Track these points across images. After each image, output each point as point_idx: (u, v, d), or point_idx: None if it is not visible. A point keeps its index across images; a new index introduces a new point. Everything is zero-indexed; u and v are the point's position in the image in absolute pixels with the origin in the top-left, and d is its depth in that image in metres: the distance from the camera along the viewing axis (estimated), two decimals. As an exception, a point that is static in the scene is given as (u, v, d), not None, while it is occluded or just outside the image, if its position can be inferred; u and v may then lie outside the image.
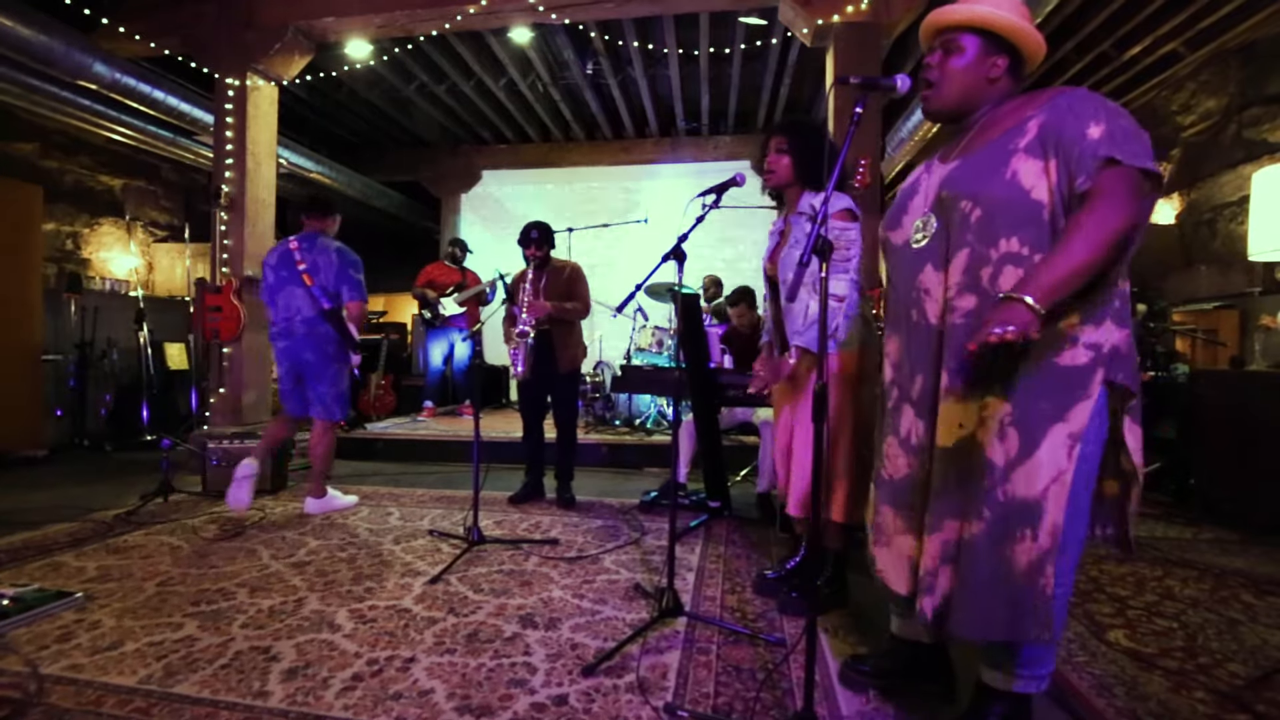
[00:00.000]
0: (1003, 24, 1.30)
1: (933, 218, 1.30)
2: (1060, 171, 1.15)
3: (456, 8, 3.92)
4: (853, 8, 3.53)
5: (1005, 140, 1.22)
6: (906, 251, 1.36)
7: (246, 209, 4.20)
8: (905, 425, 1.35)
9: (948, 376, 1.24)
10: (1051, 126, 1.17)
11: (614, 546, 2.68)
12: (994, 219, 1.20)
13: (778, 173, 2.05)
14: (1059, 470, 1.16)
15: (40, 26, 3.77)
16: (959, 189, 1.25)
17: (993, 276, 1.19)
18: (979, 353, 1.10)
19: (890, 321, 1.43)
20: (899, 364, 1.38)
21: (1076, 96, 1.19)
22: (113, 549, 2.62)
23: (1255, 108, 4.64)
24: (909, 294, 1.34)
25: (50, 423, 4.97)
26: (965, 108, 1.34)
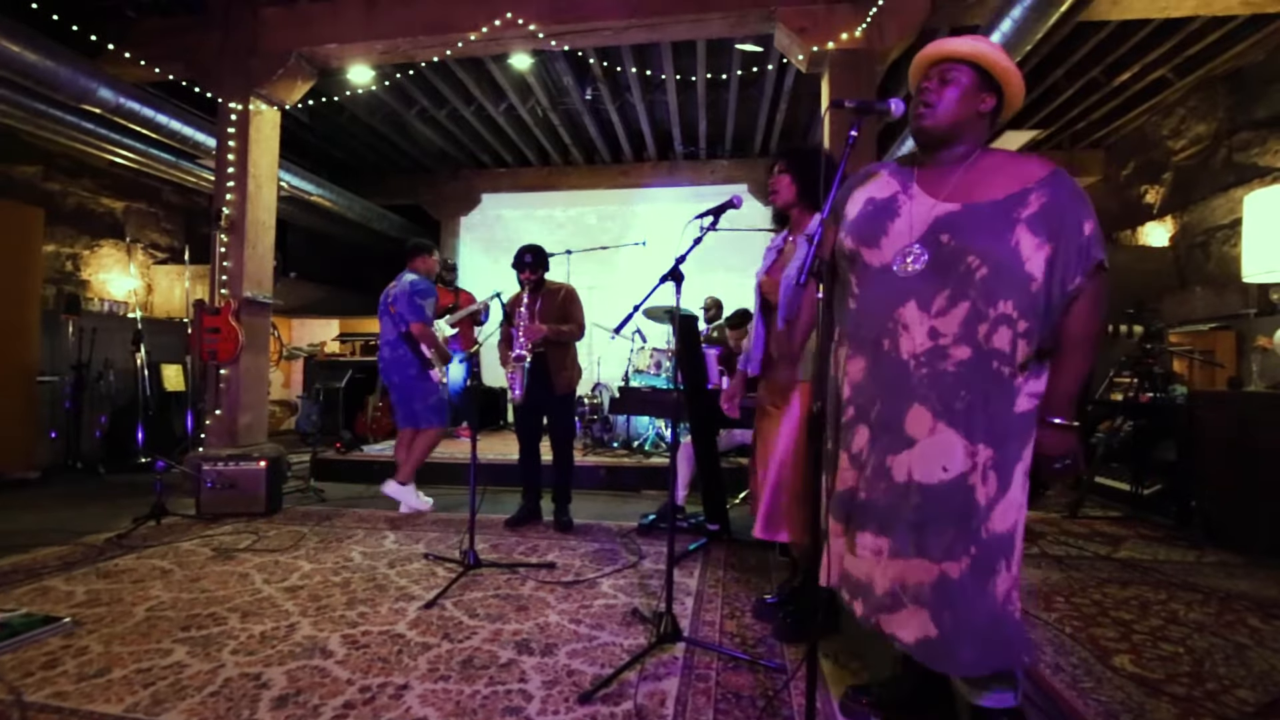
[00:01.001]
0: (1001, 64, 1.35)
1: (924, 252, 1.32)
2: (1058, 257, 1.26)
3: (458, 35, 4.00)
4: (847, 35, 3.60)
5: (1010, 206, 1.28)
6: (886, 277, 1.36)
7: (247, 231, 4.22)
8: (858, 444, 1.40)
9: (930, 416, 1.29)
10: (1055, 211, 1.26)
11: (611, 570, 2.65)
12: (997, 281, 1.26)
13: (780, 193, 2.08)
14: (1020, 504, 1.29)
15: (46, 52, 3.82)
16: (968, 242, 1.28)
17: (988, 334, 1.27)
18: (1058, 476, 1.34)
19: (853, 339, 1.43)
20: (860, 385, 1.41)
21: (1069, 187, 1.29)
22: (103, 573, 2.58)
23: (1244, 132, 4.72)
24: (883, 322, 1.36)
25: (44, 444, 4.94)
26: (953, 134, 1.38)
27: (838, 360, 1.47)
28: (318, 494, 4.06)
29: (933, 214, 1.34)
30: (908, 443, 1.31)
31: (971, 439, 1.27)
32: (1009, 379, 1.26)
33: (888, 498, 1.32)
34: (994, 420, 1.26)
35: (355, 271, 9.76)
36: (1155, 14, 3.72)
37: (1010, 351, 1.26)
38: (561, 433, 3.30)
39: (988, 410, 1.26)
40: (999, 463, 1.26)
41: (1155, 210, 5.68)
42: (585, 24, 3.89)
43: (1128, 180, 6.13)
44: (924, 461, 1.29)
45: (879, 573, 1.34)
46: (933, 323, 1.30)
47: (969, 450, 1.27)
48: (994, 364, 1.26)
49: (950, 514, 1.27)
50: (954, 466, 1.27)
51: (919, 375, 1.30)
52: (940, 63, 1.40)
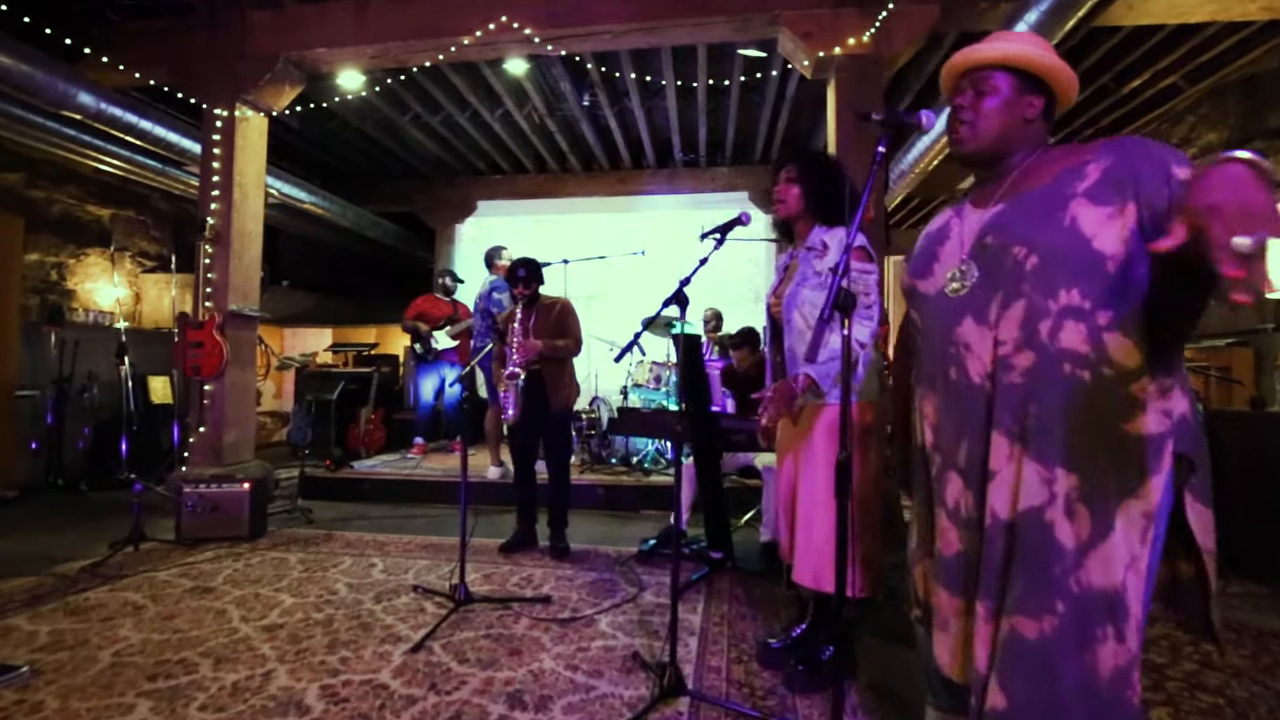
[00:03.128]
0: (1040, 62, 1.20)
1: (973, 265, 1.18)
2: (1145, 215, 1.01)
3: (451, 39, 3.87)
4: (854, 40, 3.48)
5: (1060, 185, 1.10)
6: (940, 301, 1.23)
7: (232, 242, 4.08)
8: (953, 496, 1.19)
9: (1006, 441, 1.10)
10: (1122, 170, 1.04)
11: (610, 605, 2.51)
12: (1052, 267, 1.07)
13: (787, 203, 1.94)
14: (1133, 555, 1.03)
15: (21, 56, 3.68)
16: (1010, 234, 1.12)
17: (1052, 331, 1.07)
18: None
19: (924, 379, 1.29)
20: (939, 427, 1.23)
21: (1137, 141, 1.09)
22: (71, 609, 2.43)
23: (1257, 141, 4.61)
24: (945, 349, 1.20)
25: (24, 461, 4.78)
26: (1001, 150, 1.23)
27: (915, 405, 1.32)
28: (305, 514, 3.91)
29: (980, 223, 1.20)
30: (990, 476, 1.12)
31: (1045, 463, 1.05)
32: (1098, 385, 1.04)
33: (992, 547, 1.11)
34: (1078, 439, 1.04)
35: (348, 279, 9.63)
36: (1172, 19, 3.61)
37: (1089, 352, 1.04)
38: (558, 453, 3.16)
39: (1067, 426, 1.04)
40: (1089, 494, 1.03)
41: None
42: (583, 28, 3.77)
43: (1135, 188, 6.03)
44: (1001, 493, 1.09)
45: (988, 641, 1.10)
46: (994, 333, 1.12)
47: (1043, 477, 1.05)
48: (1065, 367, 1.05)
49: (1023, 556, 1.06)
50: (1028, 499, 1.06)
51: (989, 398, 1.12)
52: (971, 72, 1.25)
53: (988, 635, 1.10)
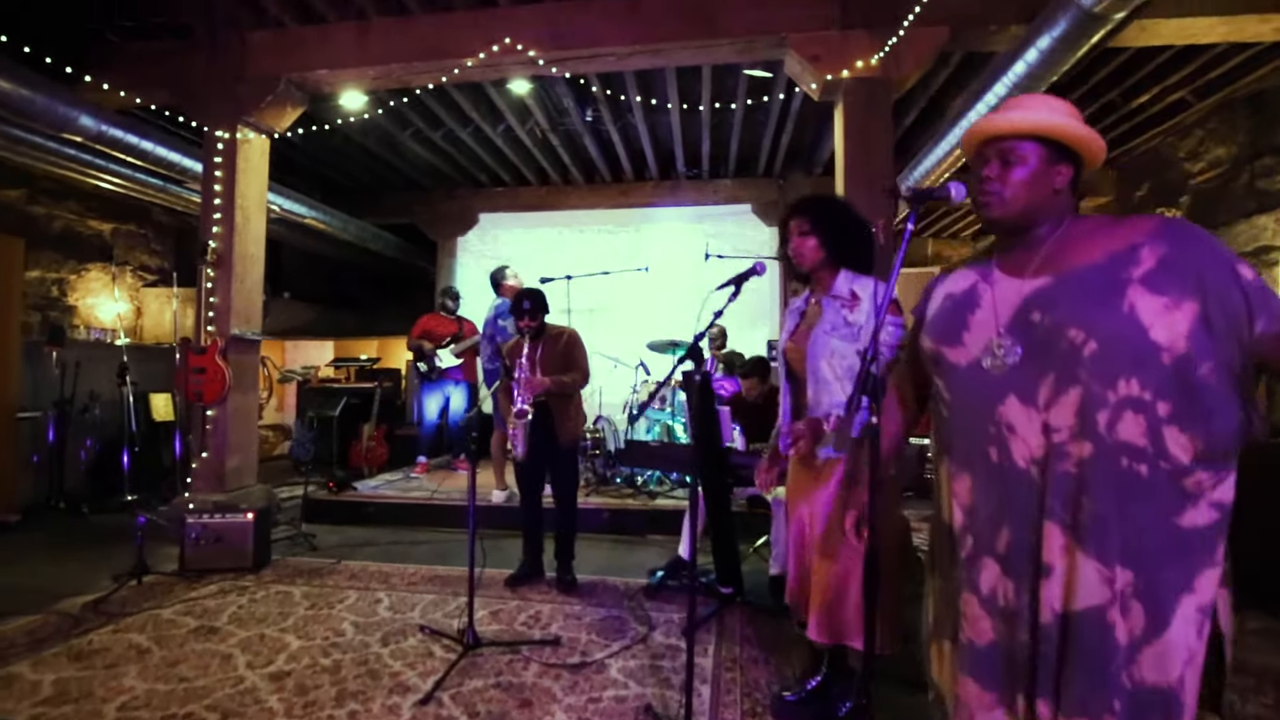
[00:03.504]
0: (1072, 133, 1.16)
1: (1013, 341, 1.13)
2: (1212, 313, 1.00)
3: (454, 61, 3.83)
4: (862, 63, 3.45)
5: (1114, 267, 1.06)
6: (976, 375, 1.18)
7: (234, 265, 4.05)
8: (988, 583, 1.15)
9: (1060, 533, 1.07)
10: (1181, 262, 1.02)
11: (620, 648, 2.48)
12: (1112, 355, 1.03)
13: (805, 255, 1.89)
14: (1191, 652, 1.01)
15: (21, 80, 3.64)
16: (1063, 314, 1.08)
17: (1110, 422, 1.03)
18: None
19: (956, 455, 1.23)
20: (973, 509, 1.19)
21: (1187, 229, 1.07)
22: (75, 654, 2.40)
23: (1267, 157, 4.58)
24: (984, 428, 1.16)
25: (25, 483, 4.74)
26: (1029, 220, 1.19)
27: (940, 479, 1.27)
28: (308, 541, 3.88)
29: (1020, 294, 1.15)
30: (1045, 571, 1.08)
31: (1105, 560, 1.03)
32: (1154, 480, 1.02)
33: (1050, 647, 1.08)
34: (1135, 534, 1.02)
35: (350, 290, 9.59)
36: (1182, 40, 3.58)
37: (1147, 445, 1.02)
38: (566, 488, 3.13)
39: (1124, 521, 1.02)
40: (1144, 590, 1.01)
41: None
42: (587, 50, 3.73)
43: (1142, 202, 5.99)
44: (1055, 589, 1.07)
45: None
46: (1044, 417, 1.08)
47: (1103, 575, 1.03)
48: (1123, 461, 1.03)
49: (1081, 655, 1.04)
50: (1088, 597, 1.04)
51: (1043, 484, 1.09)
52: (996, 140, 1.21)
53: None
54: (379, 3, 3.85)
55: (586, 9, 3.66)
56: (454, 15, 3.81)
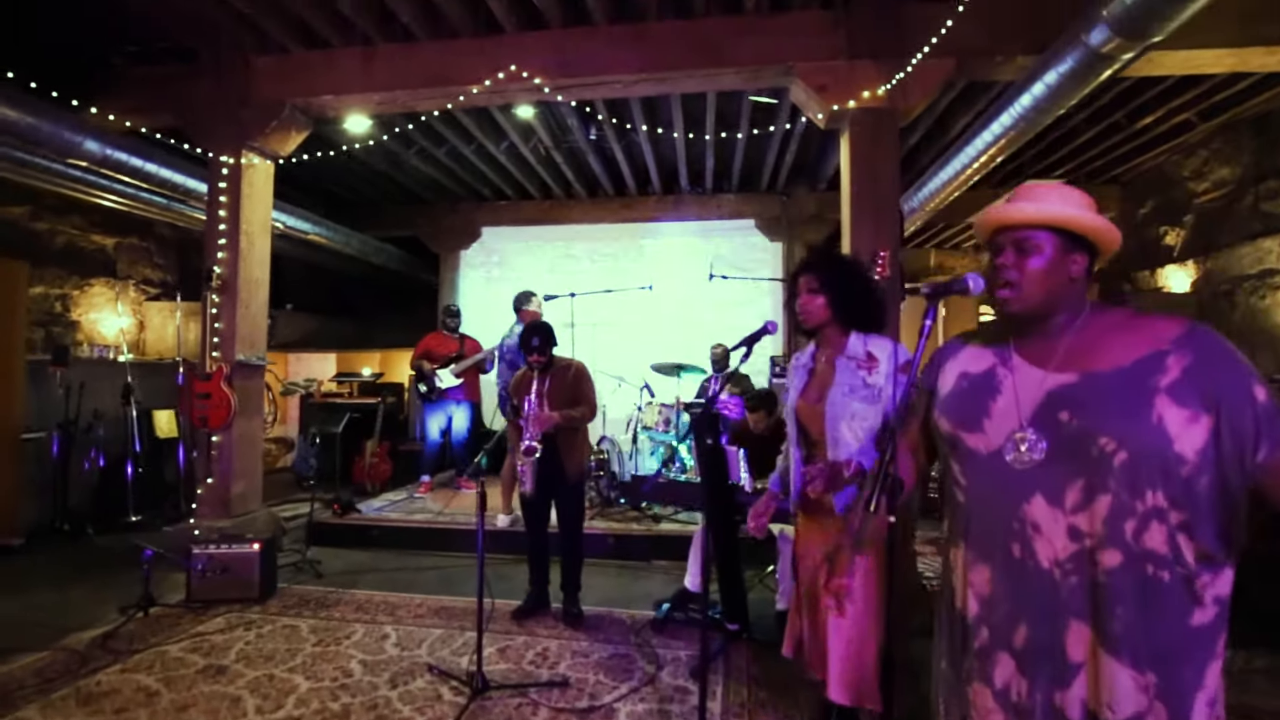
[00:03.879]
0: (1087, 224, 1.15)
1: (1038, 436, 1.12)
2: (1223, 432, 1.02)
3: (459, 88, 3.83)
4: (869, 93, 3.44)
5: (1142, 374, 1.07)
6: (999, 466, 1.17)
7: (239, 290, 4.05)
8: (1002, 678, 1.16)
9: (1088, 638, 1.08)
10: (1204, 375, 1.03)
11: (628, 690, 2.48)
12: (1140, 467, 1.04)
13: (813, 314, 1.88)
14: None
15: (26, 108, 3.64)
16: (1092, 420, 1.08)
17: (1137, 532, 1.05)
18: None
19: (973, 543, 1.23)
20: (991, 600, 1.19)
21: (1216, 340, 1.07)
22: (83, 697, 2.40)
23: (1271, 180, 4.58)
24: (1007, 523, 1.16)
25: (28, 506, 4.73)
26: (1047, 310, 1.18)
27: (952, 563, 1.27)
28: (313, 567, 3.88)
29: (1044, 388, 1.15)
30: (1075, 670, 1.09)
31: (1139, 668, 1.04)
32: (1170, 584, 1.04)
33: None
34: (1155, 638, 1.05)
35: (351, 301, 9.59)
36: (1189, 70, 3.58)
37: (1168, 552, 1.04)
38: (571, 522, 3.13)
39: (1147, 627, 1.05)
40: (1165, 691, 1.04)
41: (1176, 253, 5.54)
42: (593, 78, 3.73)
43: (1146, 219, 5.99)
44: (1081, 692, 1.08)
45: None
46: (1070, 520, 1.09)
47: (1139, 683, 1.04)
48: (1149, 569, 1.05)
49: None
50: (1124, 706, 1.04)
51: (1069, 585, 1.10)
52: (1008, 230, 1.20)
53: None
54: (384, 29, 3.85)
55: (593, 36, 3.65)
56: (459, 42, 3.81)
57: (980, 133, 3.85)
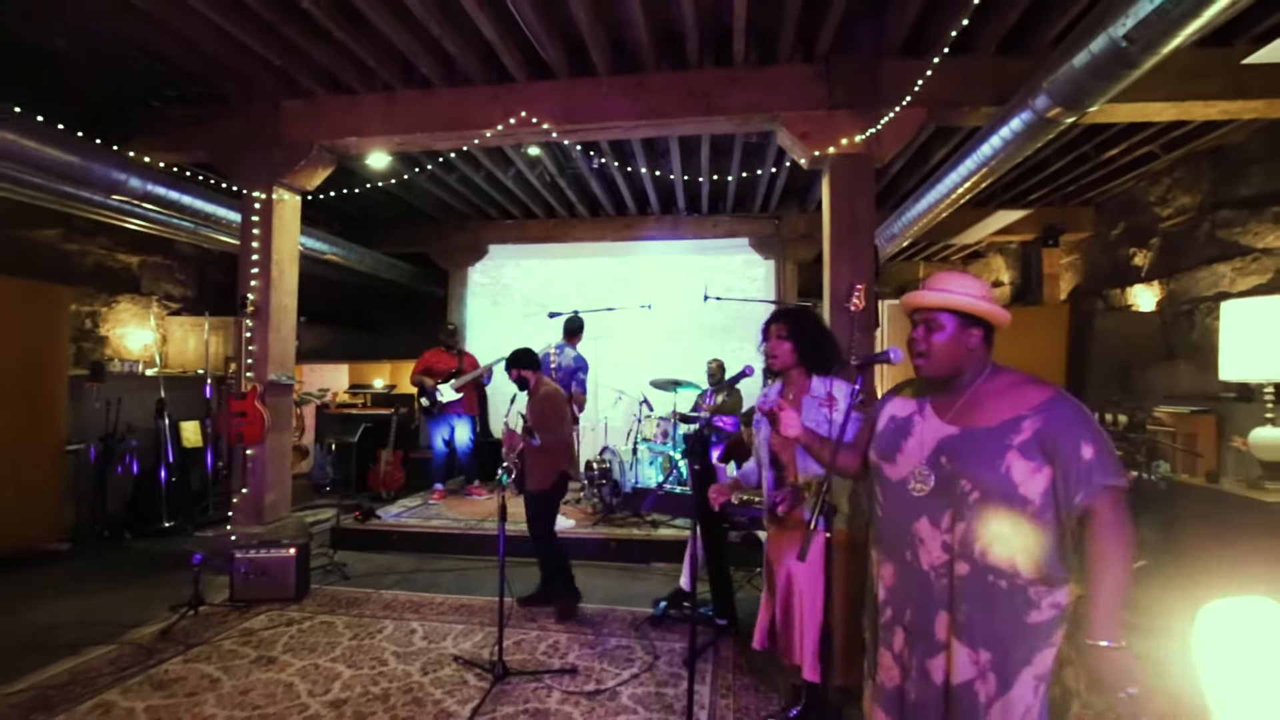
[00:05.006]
0: (975, 308, 1.51)
1: (930, 474, 1.50)
2: (1058, 480, 1.38)
3: (474, 131, 4.18)
4: (846, 140, 3.80)
5: (1003, 433, 1.43)
6: (902, 493, 1.54)
7: (271, 316, 4.40)
8: (898, 644, 1.56)
9: (946, 623, 1.46)
10: (1049, 437, 1.39)
11: (629, 676, 2.84)
12: (989, 503, 1.41)
13: (780, 358, 2.25)
14: (1027, 706, 1.41)
15: (78, 150, 3.99)
16: (960, 466, 1.45)
17: (983, 552, 1.42)
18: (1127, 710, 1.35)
19: (883, 547, 1.62)
20: (893, 590, 1.58)
21: (1066, 412, 1.41)
22: (156, 683, 2.76)
23: (1226, 210, 4.94)
24: (903, 535, 1.54)
25: (70, 513, 5.09)
26: (953, 372, 1.54)
27: (873, 562, 1.66)
28: (340, 570, 4.24)
29: (938, 436, 1.52)
30: (940, 647, 1.47)
31: (974, 646, 1.42)
32: (1010, 591, 1.39)
33: (931, 698, 1.48)
34: (994, 628, 1.41)
35: (363, 313, 9.94)
36: (1137, 119, 3.94)
37: (1006, 567, 1.40)
38: (533, 529, 3.54)
39: (987, 620, 1.41)
40: (999, 665, 1.41)
41: (1144, 273, 5.90)
42: (597, 123, 4.09)
43: (1117, 240, 6.35)
44: (940, 663, 1.47)
45: None
46: (943, 538, 1.47)
47: (972, 658, 1.42)
48: (989, 578, 1.41)
49: (961, 712, 1.43)
50: (961, 674, 1.43)
51: (940, 585, 1.47)
52: (923, 311, 1.56)
53: None
54: (404, 77, 4.20)
55: (596, 86, 4.01)
56: (474, 90, 4.17)
57: (955, 168, 4.21)
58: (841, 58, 3.80)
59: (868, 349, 3.69)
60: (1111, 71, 2.51)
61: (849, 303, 3.64)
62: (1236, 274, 4.86)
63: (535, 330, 7.11)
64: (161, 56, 3.99)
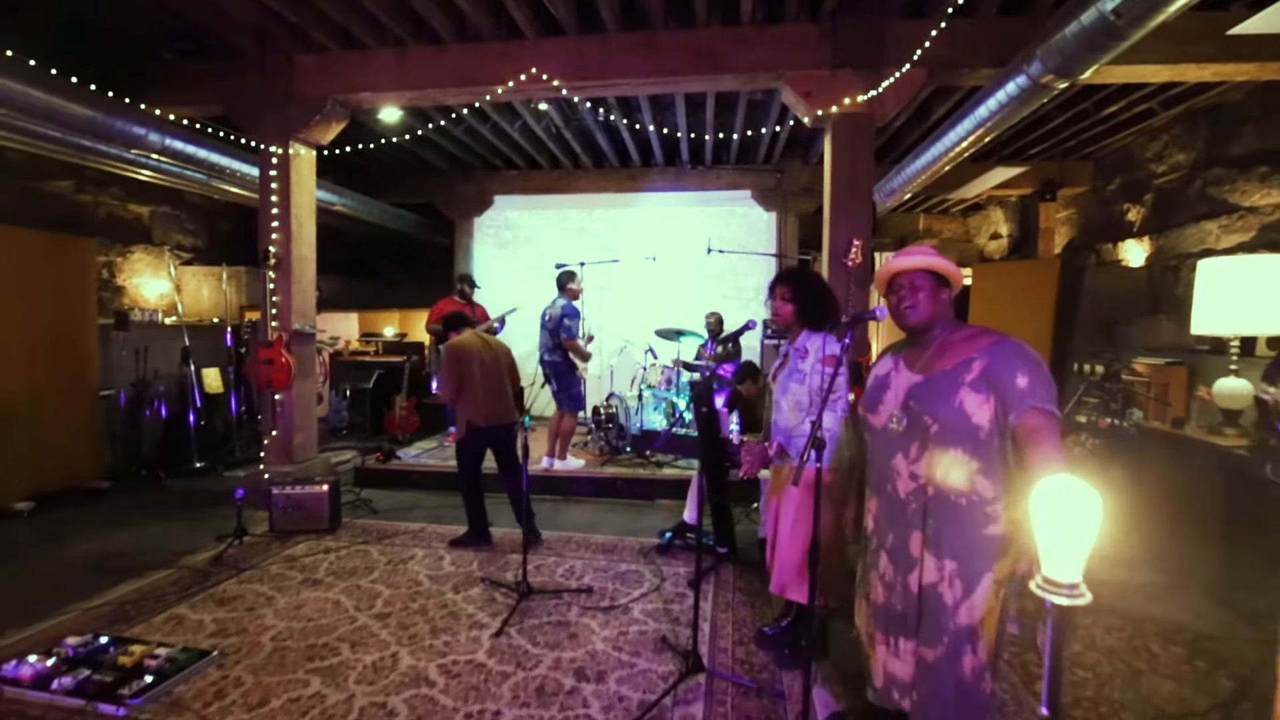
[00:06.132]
0: (945, 270, 1.77)
1: (903, 416, 1.76)
2: (997, 406, 1.64)
3: (485, 87, 4.27)
4: (849, 100, 3.91)
5: (956, 373, 1.69)
6: (884, 435, 1.82)
7: (292, 268, 4.59)
8: (883, 566, 1.84)
9: (919, 539, 1.74)
10: (992, 372, 1.64)
11: (639, 595, 3.19)
12: (946, 433, 1.67)
13: (783, 316, 2.48)
14: (990, 607, 1.68)
15: (99, 106, 4.09)
16: (923, 406, 1.71)
17: (945, 474, 1.69)
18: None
19: (871, 483, 1.91)
20: (878, 520, 1.87)
21: (1009, 350, 1.66)
22: (218, 600, 3.10)
23: (1218, 168, 5.07)
24: (885, 470, 1.81)
25: (107, 454, 5.40)
26: (930, 323, 1.79)
27: (867, 497, 1.94)
28: (368, 505, 4.58)
29: (908, 385, 1.78)
30: (915, 562, 1.75)
31: (939, 556, 1.70)
32: (970, 508, 1.66)
33: (910, 608, 1.76)
34: (958, 540, 1.68)
35: (369, 263, 10.07)
36: (1132, 80, 4.04)
37: (968, 488, 1.66)
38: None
39: (952, 533, 1.68)
40: (964, 573, 1.67)
41: (1135, 229, 6.06)
42: (605, 80, 4.17)
43: (1113, 195, 6.47)
44: (916, 575, 1.74)
45: (911, 664, 1.76)
46: (912, 468, 1.74)
47: (938, 565, 1.71)
48: (952, 498, 1.68)
49: (931, 612, 1.72)
50: (929, 579, 1.72)
51: (912, 509, 1.75)
52: (906, 274, 1.80)
53: (912, 657, 1.77)
54: (415, 32, 4.25)
55: (606, 44, 4.08)
56: (484, 46, 4.23)
57: (954, 127, 4.33)
58: (847, 16, 3.87)
59: (863, 303, 3.92)
60: (1101, 42, 2.64)
61: (847, 258, 3.84)
62: (1222, 231, 5.04)
63: (541, 280, 7.30)
64: (173, 7, 4.03)
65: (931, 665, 1.71)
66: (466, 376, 3.75)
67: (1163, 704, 2.30)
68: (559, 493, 4.91)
